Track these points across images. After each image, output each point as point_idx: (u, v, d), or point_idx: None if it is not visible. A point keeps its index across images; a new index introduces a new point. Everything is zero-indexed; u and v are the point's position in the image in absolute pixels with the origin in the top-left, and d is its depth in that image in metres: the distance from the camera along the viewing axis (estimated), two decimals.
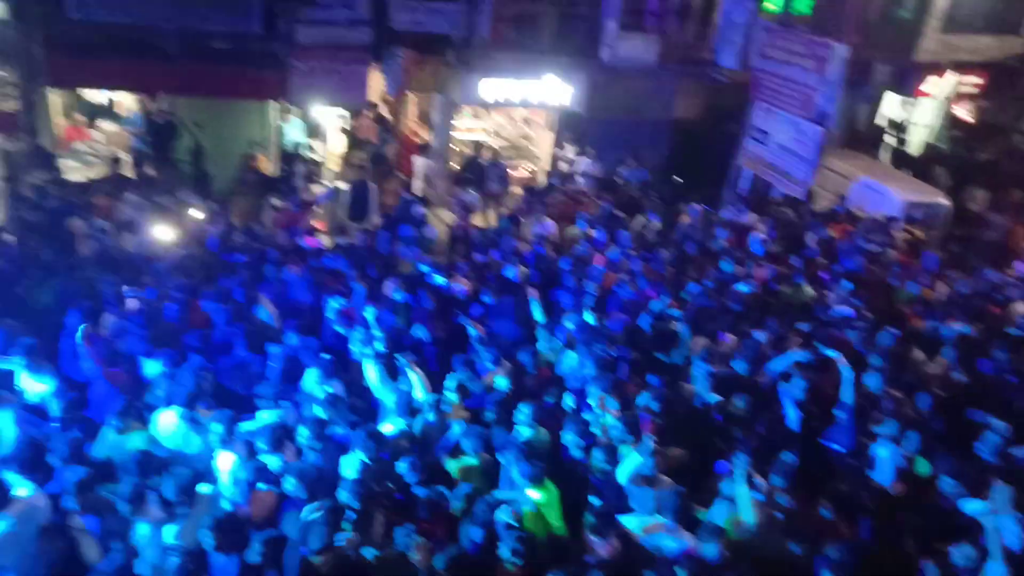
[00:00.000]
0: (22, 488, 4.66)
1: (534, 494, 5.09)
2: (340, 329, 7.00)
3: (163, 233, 8.98)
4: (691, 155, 15.11)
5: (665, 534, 4.93)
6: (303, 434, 5.50)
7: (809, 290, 9.17)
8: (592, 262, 9.27)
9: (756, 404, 6.42)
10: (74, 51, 11.17)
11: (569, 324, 7.37)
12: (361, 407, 6.09)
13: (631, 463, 5.29)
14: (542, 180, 14.79)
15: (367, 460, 5.25)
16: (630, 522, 5.03)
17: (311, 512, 4.69)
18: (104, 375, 5.81)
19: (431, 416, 5.95)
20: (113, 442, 5.34)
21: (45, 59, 11.11)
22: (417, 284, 8.17)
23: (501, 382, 6.48)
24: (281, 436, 5.33)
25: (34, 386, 5.69)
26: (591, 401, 6.29)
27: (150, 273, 7.78)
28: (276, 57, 12.25)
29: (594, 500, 5.28)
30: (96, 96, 13.78)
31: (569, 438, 5.75)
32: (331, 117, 14.90)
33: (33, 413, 5.50)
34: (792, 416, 6.34)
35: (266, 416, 5.73)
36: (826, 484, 5.66)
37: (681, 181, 14.57)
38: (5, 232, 8.60)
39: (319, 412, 5.80)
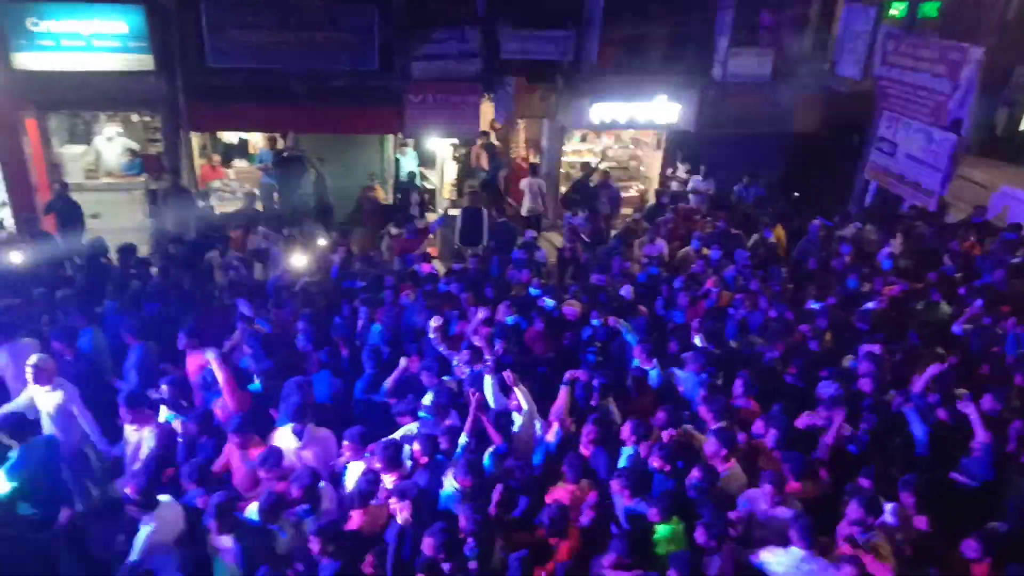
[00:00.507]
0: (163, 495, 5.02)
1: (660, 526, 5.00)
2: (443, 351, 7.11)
3: (290, 262, 9.51)
4: (811, 169, 14.52)
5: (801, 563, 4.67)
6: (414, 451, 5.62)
7: (946, 307, 8.55)
8: (705, 282, 9.04)
9: (883, 427, 6.01)
10: (212, 97, 12.10)
11: (679, 345, 7.18)
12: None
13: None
14: (652, 201, 14.60)
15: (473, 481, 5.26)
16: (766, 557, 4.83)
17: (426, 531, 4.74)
18: (231, 396, 6.17)
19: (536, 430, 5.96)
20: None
21: (186, 106, 12.09)
22: (528, 307, 8.22)
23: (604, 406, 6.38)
24: (396, 453, 5.46)
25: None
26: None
27: (278, 300, 8.20)
28: (392, 93, 12.79)
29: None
30: (229, 137, 14.86)
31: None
32: (444, 147, 15.37)
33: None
34: (921, 440, 5.89)
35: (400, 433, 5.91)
36: (958, 518, 5.20)
37: (799, 196, 13.99)
38: (151, 264, 9.34)
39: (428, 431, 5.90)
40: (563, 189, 14.60)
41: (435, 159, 15.75)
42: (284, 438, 5.79)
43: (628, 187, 15.37)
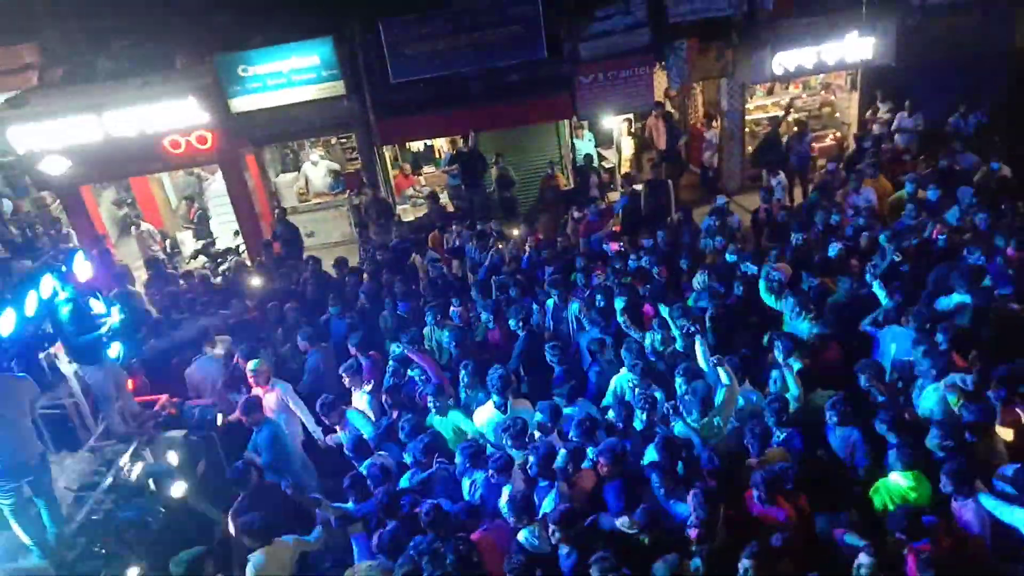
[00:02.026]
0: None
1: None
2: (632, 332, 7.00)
3: (481, 255, 9.88)
4: None
5: None
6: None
7: None
8: (924, 228, 8.17)
9: None
10: (397, 111, 12.87)
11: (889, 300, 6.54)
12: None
13: None
14: (851, 147, 13.46)
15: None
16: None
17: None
18: (436, 378, 6.63)
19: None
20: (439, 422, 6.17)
21: (376, 122, 12.97)
22: (726, 274, 7.92)
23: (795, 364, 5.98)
24: (592, 427, 5.51)
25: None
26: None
27: (473, 292, 8.58)
28: (563, 78, 12.85)
29: None
30: (416, 145, 15.74)
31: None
32: (619, 124, 15.19)
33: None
34: None
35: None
36: None
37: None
38: (363, 271, 10.14)
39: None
40: (750, 149, 13.88)
41: (612, 137, 15.62)
42: (485, 413, 6.11)
43: (823, 136, 14.27)
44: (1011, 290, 6.83)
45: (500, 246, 9.96)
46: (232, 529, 5.45)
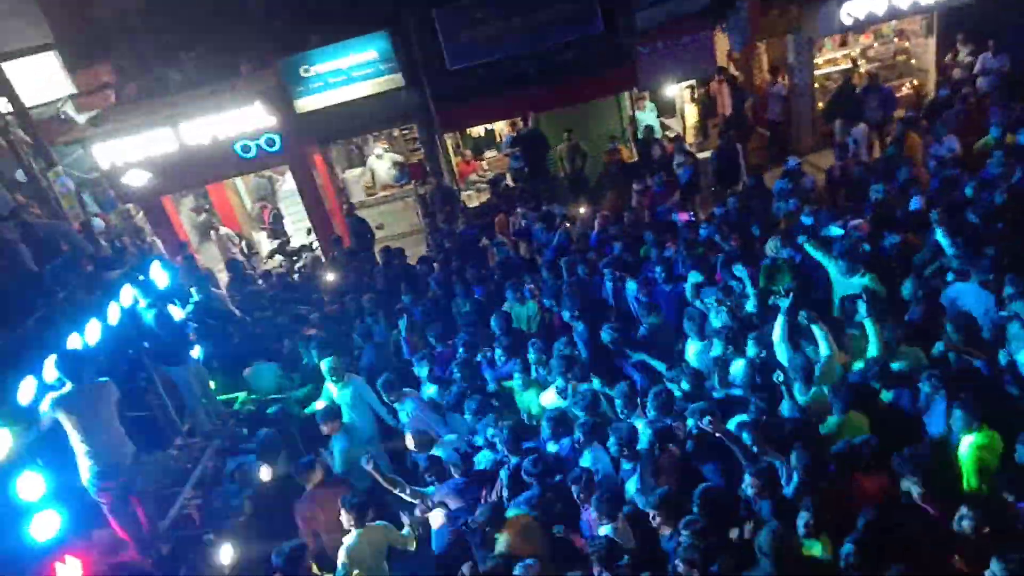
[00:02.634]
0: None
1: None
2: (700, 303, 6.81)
3: (547, 236, 9.83)
4: None
5: None
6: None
7: None
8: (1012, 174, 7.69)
9: None
10: (456, 98, 12.90)
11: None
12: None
13: None
14: (931, 95, 12.77)
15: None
16: None
17: None
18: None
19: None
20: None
21: (436, 111, 13.05)
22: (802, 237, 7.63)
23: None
24: (668, 401, 5.44)
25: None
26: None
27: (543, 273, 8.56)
28: (622, 50, 12.62)
29: None
30: (477, 130, 15.76)
31: None
32: (681, 91, 14.84)
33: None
34: None
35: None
36: None
37: None
38: (433, 260, 10.25)
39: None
40: (821, 106, 13.34)
41: (674, 106, 15.27)
42: (550, 396, 6.12)
43: (899, 86, 13.57)
44: None
45: (567, 226, 9.89)
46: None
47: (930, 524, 4.24)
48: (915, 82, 13.76)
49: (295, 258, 12.65)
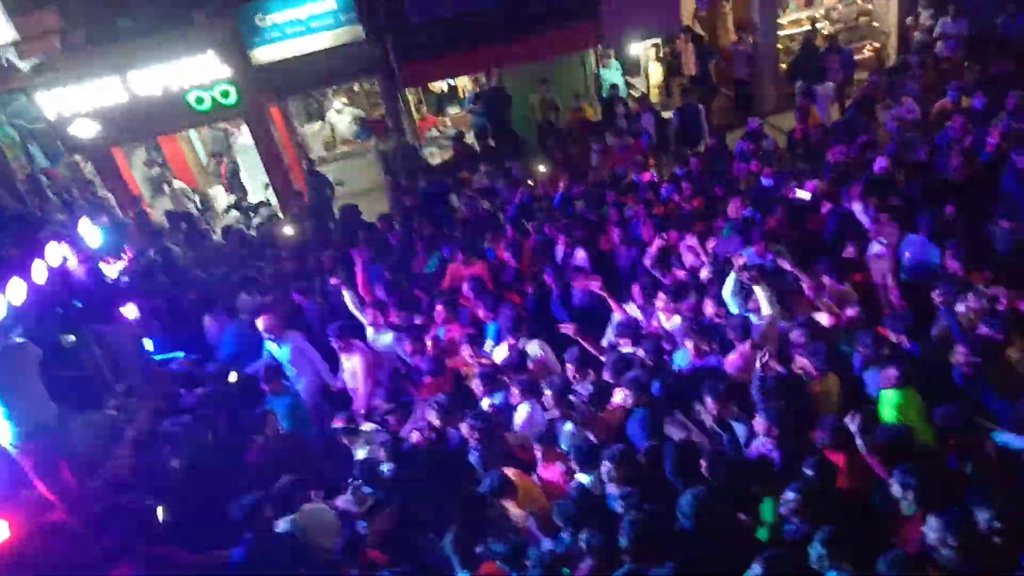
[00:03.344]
0: None
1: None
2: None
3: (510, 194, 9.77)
4: None
5: None
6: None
7: None
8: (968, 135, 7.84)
9: None
10: (419, 53, 12.60)
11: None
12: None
13: None
14: (892, 58, 12.87)
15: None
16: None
17: None
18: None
19: None
20: None
21: (398, 66, 12.74)
22: (762, 199, 7.71)
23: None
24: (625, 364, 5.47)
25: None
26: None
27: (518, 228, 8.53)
28: (587, 5, 12.41)
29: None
30: (439, 86, 15.47)
31: None
32: (646, 49, 14.71)
33: None
34: None
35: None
36: None
37: None
38: (393, 218, 10.12)
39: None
40: (784, 67, 13.35)
41: (639, 64, 15.15)
42: (501, 353, 6.20)
43: (860, 47, 13.63)
44: None
45: (529, 184, 9.82)
46: None
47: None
48: (876, 45, 13.83)
49: (252, 214, 12.38)
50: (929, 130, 8.94)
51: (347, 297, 7.12)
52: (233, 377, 6.73)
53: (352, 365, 6.61)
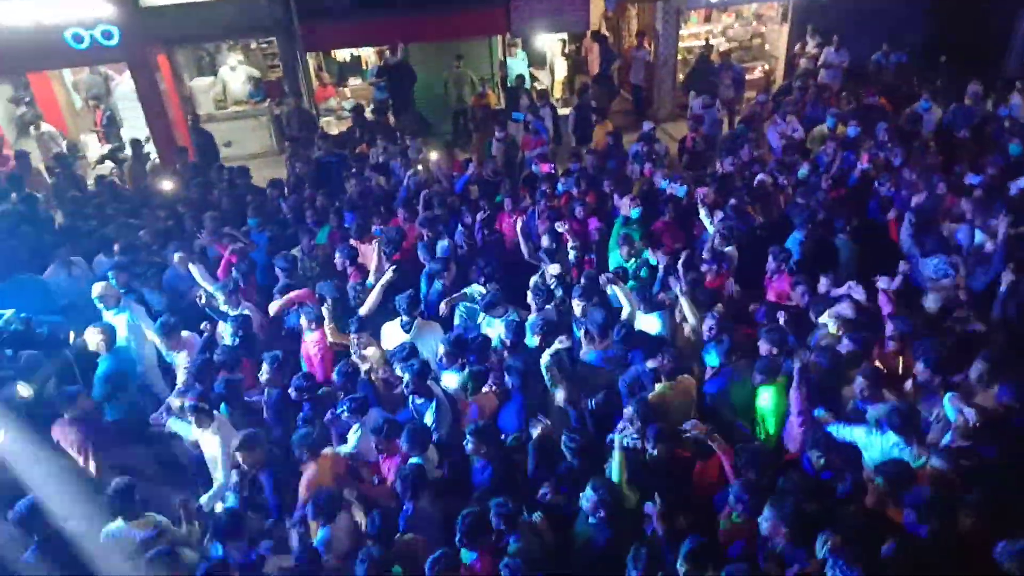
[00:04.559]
0: None
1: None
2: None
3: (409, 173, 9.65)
4: (961, 29, 12.98)
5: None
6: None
7: None
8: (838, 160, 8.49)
9: None
10: (323, 17, 12.20)
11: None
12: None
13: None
14: (779, 81, 13.65)
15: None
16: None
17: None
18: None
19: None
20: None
21: (300, 27, 12.27)
22: (652, 199, 8.01)
23: None
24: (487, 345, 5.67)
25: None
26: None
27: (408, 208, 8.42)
28: None
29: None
30: (342, 55, 15.04)
31: None
32: (553, 44, 14.90)
33: None
34: None
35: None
36: None
37: (944, 61, 12.58)
38: (284, 184, 9.76)
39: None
40: (681, 77, 13.89)
41: (545, 58, 15.33)
42: (393, 331, 6.15)
43: (752, 68, 14.39)
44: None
45: (422, 167, 9.70)
46: None
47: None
48: (766, 66, 14.64)
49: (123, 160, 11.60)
50: (807, 151, 9.59)
51: (194, 271, 6.79)
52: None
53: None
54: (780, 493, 4.02)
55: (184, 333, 6.35)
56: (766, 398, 5.10)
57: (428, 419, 5.20)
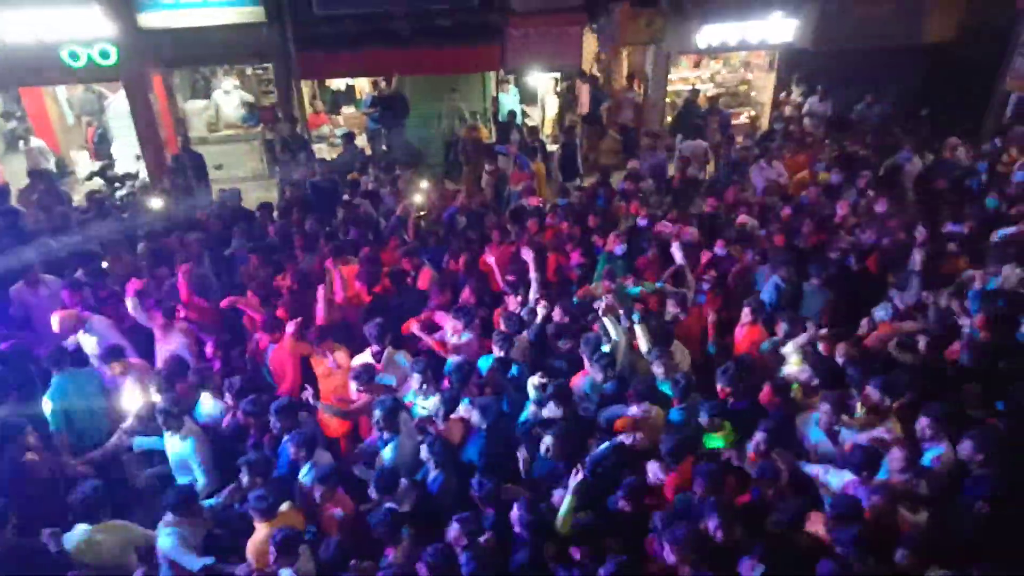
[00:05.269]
0: None
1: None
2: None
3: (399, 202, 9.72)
4: (943, 83, 13.38)
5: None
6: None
7: None
8: (822, 208, 8.67)
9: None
10: (320, 45, 12.36)
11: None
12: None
13: None
14: (765, 126, 13.95)
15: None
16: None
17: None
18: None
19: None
20: None
21: (296, 55, 12.43)
22: (637, 236, 8.12)
23: None
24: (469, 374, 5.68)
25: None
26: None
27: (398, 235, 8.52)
28: (493, 28, 12.65)
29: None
30: (336, 84, 15.21)
31: None
32: (545, 82, 15.16)
33: None
34: None
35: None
36: None
37: (926, 113, 12.94)
38: (275, 210, 9.78)
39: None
40: (669, 120, 14.16)
41: (536, 95, 15.58)
42: (364, 360, 6.15)
43: (738, 114, 14.70)
44: None
45: (411, 201, 9.70)
46: None
47: None
48: (752, 113, 14.96)
49: (118, 185, 11.61)
50: (789, 196, 9.78)
51: (129, 303, 6.55)
52: None
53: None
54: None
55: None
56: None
57: (387, 454, 5.22)
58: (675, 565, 3.97)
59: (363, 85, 15.08)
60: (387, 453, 5.24)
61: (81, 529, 4.55)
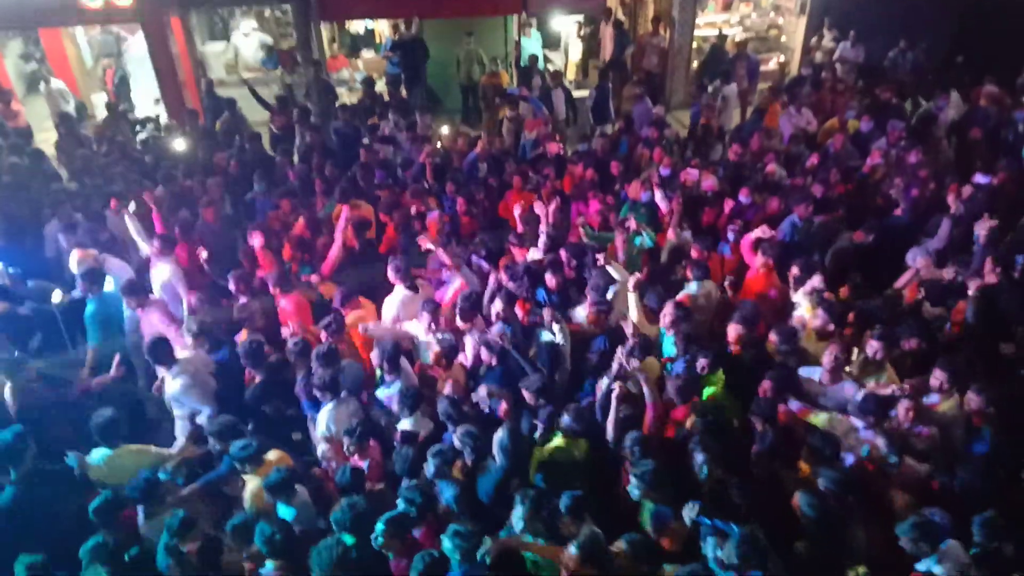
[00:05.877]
0: None
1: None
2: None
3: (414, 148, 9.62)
4: (980, 29, 12.86)
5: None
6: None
7: None
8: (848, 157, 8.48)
9: None
10: None
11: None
12: None
13: None
14: (794, 72, 13.57)
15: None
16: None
17: None
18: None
19: None
20: None
21: None
22: (659, 186, 7.99)
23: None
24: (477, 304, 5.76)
25: None
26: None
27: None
28: None
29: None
30: (356, 27, 14.96)
31: None
32: (569, 26, 14.80)
33: None
34: None
35: None
36: None
37: (962, 60, 12.47)
38: (297, 155, 9.74)
39: None
40: (695, 66, 13.81)
41: (560, 40, 15.23)
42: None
43: (768, 59, 14.29)
44: None
45: (430, 147, 9.61)
46: None
47: None
48: (782, 58, 14.54)
49: (138, 128, 11.58)
50: (816, 143, 9.56)
51: (130, 224, 6.72)
52: (57, 297, 6.36)
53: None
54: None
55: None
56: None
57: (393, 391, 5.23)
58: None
59: (383, 29, 14.82)
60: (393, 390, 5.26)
61: (101, 452, 4.65)
